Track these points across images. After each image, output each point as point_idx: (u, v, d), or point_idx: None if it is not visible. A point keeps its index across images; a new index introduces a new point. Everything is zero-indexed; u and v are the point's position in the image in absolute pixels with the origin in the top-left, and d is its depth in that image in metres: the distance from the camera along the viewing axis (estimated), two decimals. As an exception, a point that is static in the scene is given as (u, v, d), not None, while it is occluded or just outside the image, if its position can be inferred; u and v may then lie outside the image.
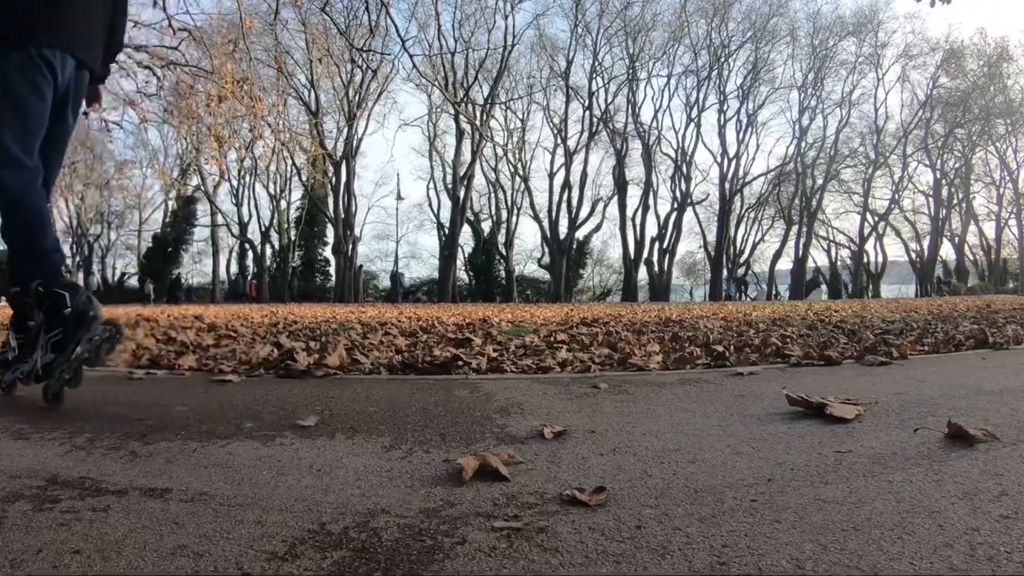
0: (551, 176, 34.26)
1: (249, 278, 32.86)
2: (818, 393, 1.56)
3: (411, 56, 7.76)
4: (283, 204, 34.33)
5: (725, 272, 34.39)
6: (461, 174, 31.96)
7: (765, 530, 0.79)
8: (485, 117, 30.90)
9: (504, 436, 1.30)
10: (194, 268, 37.36)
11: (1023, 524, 0.79)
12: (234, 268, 37.35)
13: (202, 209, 35.82)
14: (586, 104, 33.46)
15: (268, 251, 33.95)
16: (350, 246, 31.78)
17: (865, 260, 36.97)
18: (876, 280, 36.75)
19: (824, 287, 38.14)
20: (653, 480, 1.00)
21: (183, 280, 32.19)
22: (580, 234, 34.78)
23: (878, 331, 3.99)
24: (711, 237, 35.34)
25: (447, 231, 32.79)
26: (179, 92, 8.17)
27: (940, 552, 0.71)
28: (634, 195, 34.06)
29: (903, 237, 37.04)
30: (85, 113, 2.00)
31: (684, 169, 33.97)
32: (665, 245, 34.21)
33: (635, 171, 34.62)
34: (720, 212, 34.29)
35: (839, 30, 33.88)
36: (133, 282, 36.39)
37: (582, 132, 33.77)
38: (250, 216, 34.14)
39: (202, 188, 33.41)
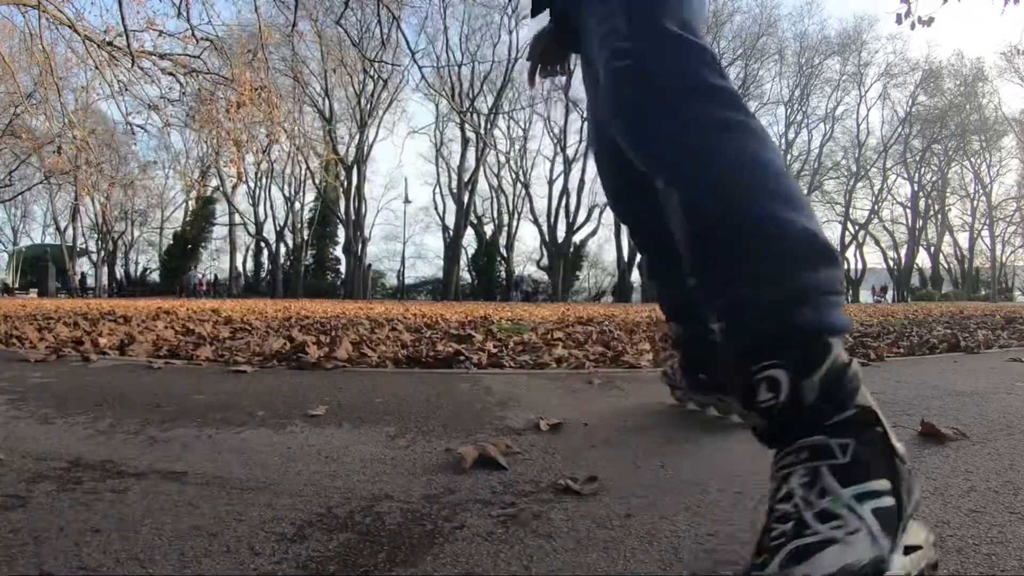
0: (550, 183, 34.31)
1: (201, 276, 32.72)
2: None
3: (420, 68, 7.76)
4: (297, 205, 34.39)
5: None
6: (465, 180, 31.99)
7: (748, 520, 0.78)
8: (489, 126, 30.90)
9: (502, 427, 1.30)
10: (212, 264, 37.42)
11: (990, 518, 0.79)
12: (250, 264, 37.41)
13: (220, 209, 35.92)
14: (584, 115, 33.46)
15: (283, 249, 33.96)
16: (360, 246, 31.81)
17: (846, 267, 36.99)
18: (856, 286, 36.76)
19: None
20: (642, 471, 0.99)
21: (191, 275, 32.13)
22: (577, 238, 34.78)
23: (856, 334, 3.98)
24: (701, 243, 35.30)
25: (451, 233, 32.79)
26: (201, 98, 8.16)
27: (912, 543, 0.71)
28: (628, 202, 33.98)
29: (882, 246, 37.09)
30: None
31: (676, 178, 33.94)
32: (657, 250, 34.17)
33: (630, 179, 34.50)
34: (709, 219, 34.25)
35: (824, 49, 33.95)
36: (155, 277, 36.42)
37: (580, 141, 33.77)
38: (266, 216, 34.23)
39: (221, 189, 33.44)
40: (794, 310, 0.61)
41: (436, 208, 34.53)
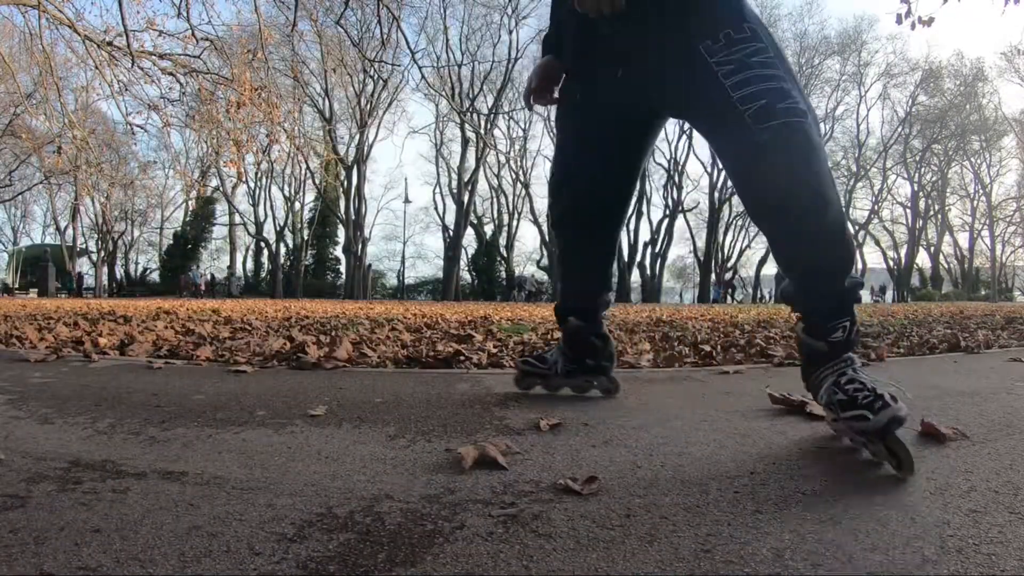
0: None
1: (201, 275, 32.23)
2: (800, 392, 1.56)
3: (420, 68, 7.75)
4: (297, 205, 34.33)
5: (713, 276, 34.37)
6: (465, 180, 31.97)
7: (747, 520, 0.79)
8: (489, 126, 30.91)
9: (502, 427, 1.30)
10: (212, 264, 37.40)
11: (991, 518, 0.79)
12: (250, 264, 37.42)
13: (220, 209, 35.86)
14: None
15: (283, 249, 33.95)
16: (359, 246, 31.79)
17: (845, 267, 36.89)
18: (856, 286, 36.68)
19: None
20: (642, 471, 1.00)
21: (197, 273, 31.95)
22: (577, 238, 34.71)
23: (857, 334, 3.98)
24: (701, 243, 35.33)
25: (451, 233, 32.77)
26: (200, 98, 8.16)
27: (912, 544, 0.71)
28: (628, 202, 33.96)
29: (882, 246, 37.04)
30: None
31: (676, 178, 33.95)
32: (657, 250, 34.21)
33: (630, 179, 34.45)
34: (709, 219, 34.26)
35: (824, 49, 33.89)
36: (155, 277, 36.41)
37: (580, 142, 33.62)
38: (266, 216, 34.16)
39: (221, 189, 33.38)
40: (858, 290, 1.13)
41: (436, 208, 34.51)
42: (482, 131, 27.00)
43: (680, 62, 1.16)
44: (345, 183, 31.38)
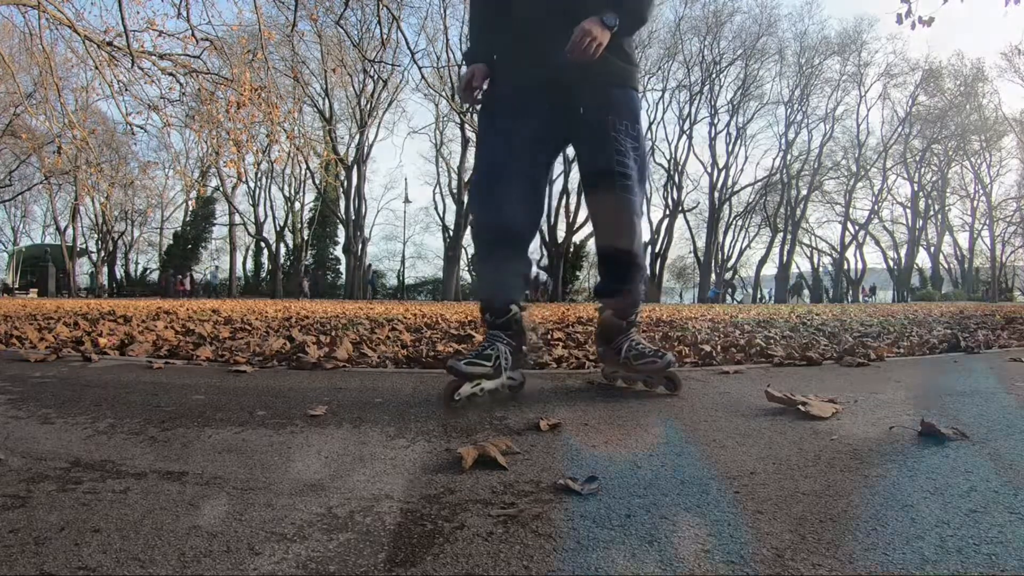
0: (550, 183, 34.14)
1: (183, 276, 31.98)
2: (799, 391, 1.56)
3: (420, 68, 7.77)
4: (297, 205, 34.34)
5: (713, 276, 34.36)
6: (465, 180, 31.92)
7: (747, 520, 0.79)
8: (489, 126, 30.85)
9: (502, 428, 1.30)
10: (212, 264, 37.38)
11: (991, 518, 0.79)
12: (250, 265, 37.42)
13: (220, 209, 35.86)
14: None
15: (283, 249, 33.95)
16: (360, 246, 31.79)
17: (846, 267, 36.98)
18: (856, 286, 36.76)
19: (806, 292, 38.15)
20: (642, 471, 1.00)
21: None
22: (577, 238, 34.75)
23: (856, 334, 3.98)
24: (701, 243, 35.34)
25: (451, 233, 32.77)
26: (200, 98, 8.15)
27: (912, 544, 0.71)
28: (628, 202, 33.96)
29: (882, 246, 37.06)
30: None
31: (676, 178, 33.94)
32: (657, 250, 34.19)
33: (630, 179, 34.42)
34: (709, 219, 34.26)
35: (824, 49, 33.88)
36: (154, 276, 36.40)
37: (580, 142, 33.59)
38: (266, 216, 34.16)
39: (221, 189, 33.36)
40: (642, 295, 1.76)
41: (436, 208, 34.50)
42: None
43: (595, 113, 1.63)
44: (345, 183, 31.35)
